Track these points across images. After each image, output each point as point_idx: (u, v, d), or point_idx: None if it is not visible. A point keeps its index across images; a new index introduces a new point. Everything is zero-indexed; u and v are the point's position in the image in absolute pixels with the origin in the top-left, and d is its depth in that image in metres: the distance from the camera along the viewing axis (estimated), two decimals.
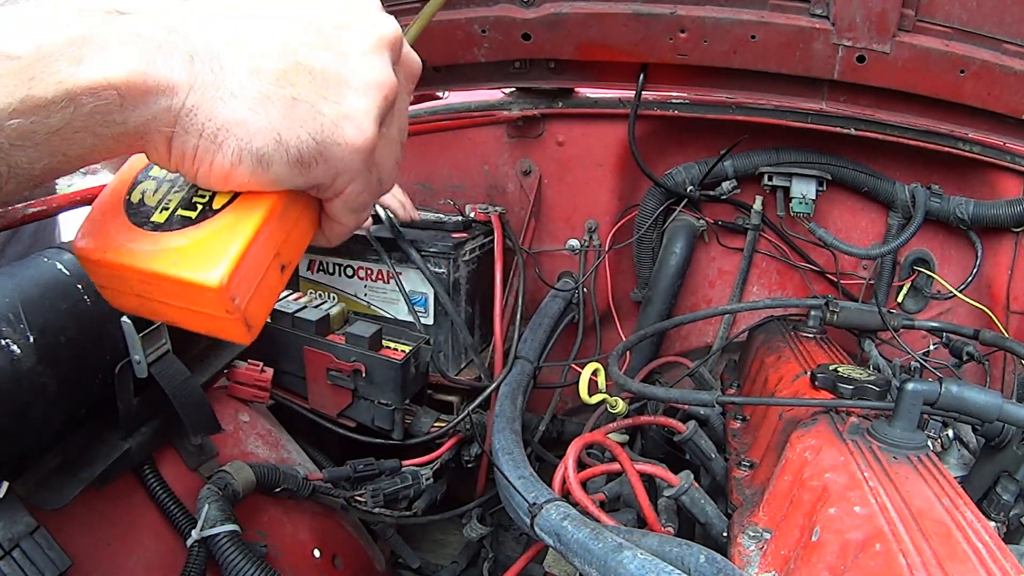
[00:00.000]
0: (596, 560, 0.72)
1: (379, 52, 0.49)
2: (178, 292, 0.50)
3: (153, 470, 0.94)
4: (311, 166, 0.48)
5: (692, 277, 1.70)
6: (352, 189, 0.52)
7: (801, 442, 0.83)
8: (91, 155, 0.44)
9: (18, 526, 0.73)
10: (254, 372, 1.16)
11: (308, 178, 0.49)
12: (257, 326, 0.53)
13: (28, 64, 0.38)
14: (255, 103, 0.45)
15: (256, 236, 0.50)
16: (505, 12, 1.36)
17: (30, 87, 0.39)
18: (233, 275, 0.48)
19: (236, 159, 0.46)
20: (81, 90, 0.40)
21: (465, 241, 1.42)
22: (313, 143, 0.47)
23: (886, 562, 0.60)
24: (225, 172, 0.47)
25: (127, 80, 0.41)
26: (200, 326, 0.53)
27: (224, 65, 0.45)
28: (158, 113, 0.44)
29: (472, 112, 1.63)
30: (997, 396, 0.80)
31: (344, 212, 0.55)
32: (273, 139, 0.46)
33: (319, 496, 1.14)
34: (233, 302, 0.49)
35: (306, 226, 0.57)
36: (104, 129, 0.42)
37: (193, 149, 0.46)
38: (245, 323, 0.51)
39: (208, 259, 0.49)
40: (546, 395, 1.60)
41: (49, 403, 0.73)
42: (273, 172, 0.47)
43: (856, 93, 1.37)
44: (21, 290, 0.71)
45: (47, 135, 0.40)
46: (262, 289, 0.52)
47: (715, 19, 1.28)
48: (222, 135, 0.45)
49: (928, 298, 1.57)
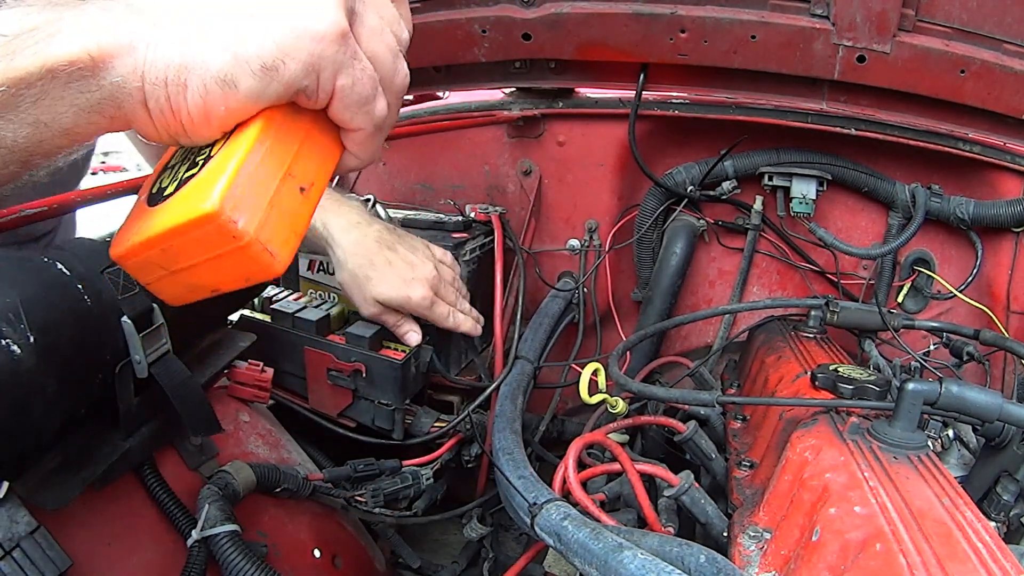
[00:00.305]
0: (596, 560, 0.72)
1: None
2: (191, 242, 0.49)
3: (153, 470, 0.94)
4: (280, 69, 0.48)
5: (692, 277, 1.70)
6: (343, 82, 0.51)
7: (801, 442, 0.83)
8: (75, 129, 0.47)
9: (18, 526, 0.73)
10: (254, 372, 1.16)
11: (285, 83, 0.48)
12: (283, 252, 0.51)
13: (10, 40, 0.43)
14: (204, 33, 0.47)
15: (249, 156, 0.49)
16: (505, 12, 1.36)
17: (12, 59, 0.43)
18: (227, 196, 0.47)
19: (203, 90, 0.47)
20: (56, 60, 0.44)
21: (465, 241, 1.42)
22: (273, 45, 0.47)
23: (886, 562, 0.60)
24: (201, 109, 0.48)
25: (98, 47, 0.45)
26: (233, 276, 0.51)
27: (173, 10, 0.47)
28: (125, 74, 0.46)
29: (472, 112, 1.63)
30: (997, 396, 0.80)
31: (349, 112, 0.53)
32: (229, 57, 0.47)
33: (319, 496, 1.14)
34: (238, 225, 0.47)
35: (321, 142, 0.55)
36: (80, 97, 0.46)
37: (166, 101, 0.47)
38: (265, 249, 0.49)
39: (201, 193, 0.48)
40: (546, 395, 1.60)
41: (49, 403, 0.73)
42: (244, 88, 0.47)
43: (856, 93, 1.37)
44: (21, 290, 0.71)
45: (29, 105, 0.44)
46: (278, 212, 0.50)
47: (715, 19, 1.28)
48: (183, 74, 0.47)
49: (928, 298, 1.57)
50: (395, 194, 1.79)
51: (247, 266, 0.50)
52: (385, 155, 1.81)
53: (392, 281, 1.17)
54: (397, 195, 1.79)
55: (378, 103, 0.55)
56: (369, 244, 1.18)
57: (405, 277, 1.18)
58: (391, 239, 1.22)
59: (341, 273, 1.19)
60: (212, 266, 0.50)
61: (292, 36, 0.47)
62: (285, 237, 0.51)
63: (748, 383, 1.28)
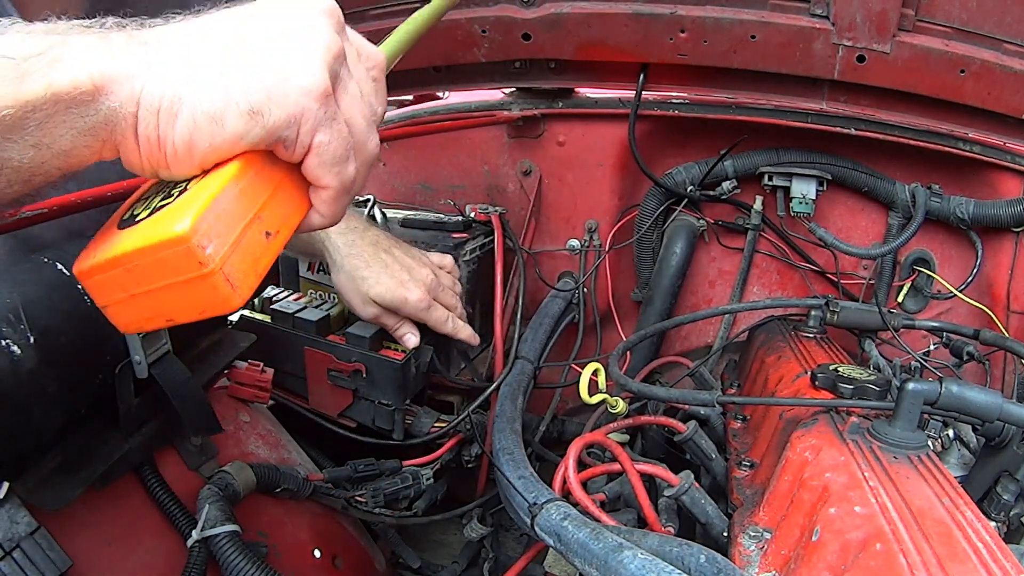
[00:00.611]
0: (596, 560, 0.72)
1: (319, 16, 0.54)
2: (156, 265, 0.50)
3: (153, 470, 0.94)
4: (265, 114, 0.50)
5: (692, 277, 1.70)
6: (320, 139, 0.54)
7: (801, 442, 0.83)
8: (72, 151, 0.49)
9: (18, 526, 0.73)
10: (254, 372, 1.16)
11: (267, 128, 0.51)
12: (243, 287, 0.52)
13: (18, 63, 0.45)
14: (201, 69, 0.50)
15: (225, 189, 0.51)
16: (505, 12, 1.36)
17: (21, 83, 0.45)
18: (199, 221, 0.49)
19: (191, 122, 0.49)
20: (61, 85, 0.46)
21: (465, 241, 1.42)
22: (263, 90, 0.50)
23: (886, 562, 0.60)
24: (186, 141, 0.50)
25: (100, 74, 0.47)
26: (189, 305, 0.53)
27: (173, 45, 0.51)
28: (124, 100, 0.49)
29: (472, 112, 1.63)
30: (997, 396, 0.80)
31: (321, 169, 0.56)
32: (222, 95, 0.49)
33: (319, 496, 1.14)
34: (205, 251, 0.49)
35: (291, 195, 0.57)
36: (80, 121, 0.48)
37: (155, 130, 0.50)
38: (227, 281, 0.51)
39: (175, 217, 0.50)
40: (546, 395, 1.60)
41: (49, 403, 0.73)
42: (230, 127, 0.50)
43: (856, 93, 1.37)
44: (22, 291, 0.71)
45: (34, 127, 0.46)
46: (244, 249, 0.52)
47: (715, 19, 1.28)
48: (176, 104, 0.49)
49: (928, 298, 1.57)
50: (395, 194, 1.79)
51: (207, 295, 0.51)
52: (385, 155, 1.81)
53: (388, 282, 1.17)
54: (397, 195, 1.79)
55: (349, 165, 0.58)
56: (365, 246, 1.19)
57: (401, 279, 1.19)
58: (388, 243, 1.23)
59: (337, 275, 1.19)
60: (172, 292, 0.52)
61: (280, 87, 0.51)
62: (246, 274, 0.53)
63: (748, 383, 1.28)
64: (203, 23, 0.53)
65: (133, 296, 0.53)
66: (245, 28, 0.52)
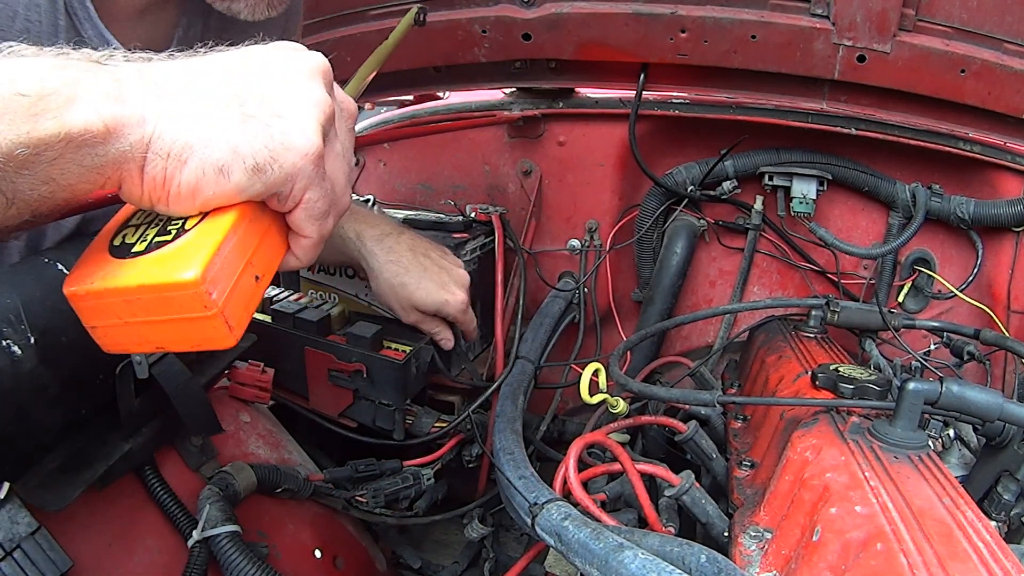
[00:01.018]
0: (597, 560, 0.72)
1: (313, 78, 0.58)
2: (159, 301, 0.54)
3: (154, 471, 0.95)
4: (266, 172, 0.54)
5: (693, 277, 1.70)
6: (310, 196, 0.59)
7: (802, 442, 0.83)
8: (78, 185, 0.51)
9: (19, 527, 0.73)
10: (255, 373, 1.16)
11: (267, 184, 0.55)
12: (239, 328, 0.56)
13: (33, 102, 0.46)
14: (213, 123, 0.53)
15: (227, 237, 0.55)
16: (505, 12, 1.36)
17: (35, 122, 0.46)
18: (208, 268, 0.53)
19: (200, 172, 0.53)
20: (75, 126, 0.48)
21: (466, 241, 1.42)
22: (266, 150, 0.54)
23: (887, 561, 0.60)
24: (192, 187, 0.53)
25: (112, 116, 0.49)
26: (185, 339, 0.56)
27: (185, 96, 0.53)
28: (134, 143, 0.51)
29: (472, 112, 1.63)
30: (998, 395, 0.80)
31: (307, 222, 0.61)
32: (231, 150, 0.53)
33: (320, 496, 1.14)
34: (211, 296, 0.53)
35: (275, 240, 0.62)
36: (90, 160, 0.50)
37: (162, 172, 0.53)
38: (227, 322, 0.55)
39: (184, 260, 0.53)
40: (547, 395, 1.60)
41: (50, 404, 0.73)
42: (234, 180, 0.54)
43: (857, 93, 1.37)
44: (22, 291, 0.71)
45: (46, 164, 0.48)
46: (238, 294, 0.56)
47: (715, 19, 1.28)
48: (186, 152, 0.52)
49: (929, 298, 1.57)
50: (395, 194, 1.79)
51: (206, 334, 0.55)
52: (385, 155, 1.81)
53: (428, 286, 1.19)
54: (397, 195, 1.79)
55: (330, 219, 0.63)
56: (403, 251, 1.20)
57: (442, 280, 1.20)
58: (425, 246, 1.24)
59: (376, 281, 1.20)
60: (171, 326, 0.55)
61: (282, 148, 0.54)
62: (241, 315, 0.57)
63: (749, 383, 1.28)
64: (206, 69, 0.56)
65: (127, 323, 0.56)
66: (248, 83, 0.56)
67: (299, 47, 0.61)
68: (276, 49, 0.59)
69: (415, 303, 1.19)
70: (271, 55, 0.59)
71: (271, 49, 0.59)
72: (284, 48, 0.60)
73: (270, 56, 0.59)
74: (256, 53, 0.59)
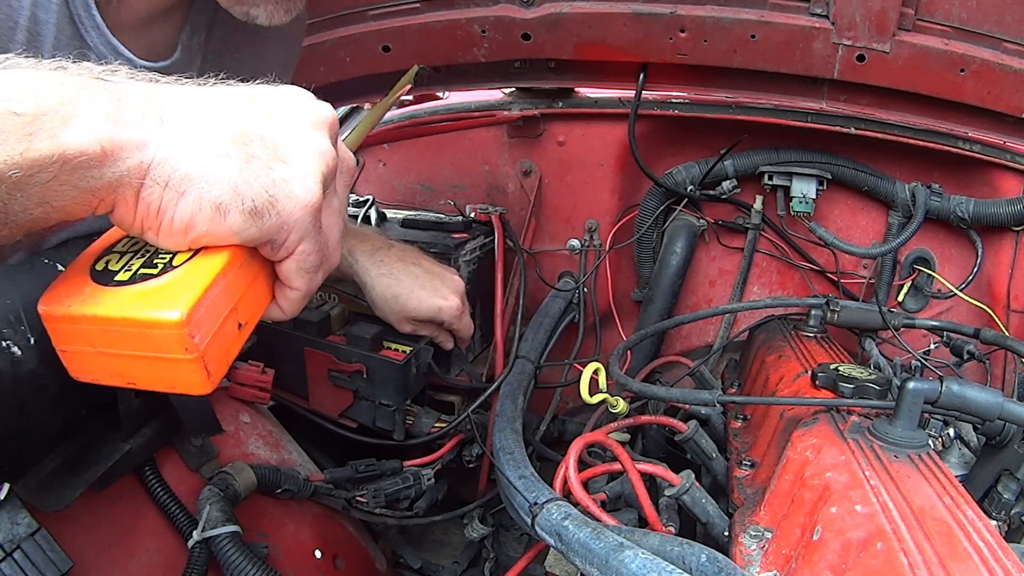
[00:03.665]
0: (597, 559, 0.72)
1: (319, 128, 0.58)
2: (138, 337, 0.51)
3: (154, 471, 0.95)
4: (264, 217, 0.53)
5: (692, 277, 1.70)
6: (303, 248, 0.58)
7: (802, 441, 0.83)
8: (71, 207, 0.49)
9: (19, 528, 0.73)
10: (255, 373, 1.16)
11: (262, 229, 0.54)
12: (216, 375, 0.54)
13: (28, 122, 0.44)
14: (215, 158, 0.51)
15: (215, 281, 0.53)
16: (505, 12, 1.36)
17: (30, 142, 0.44)
18: (193, 311, 0.50)
19: (197, 207, 0.51)
20: (71, 147, 0.46)
21: (466, 241, 1.42)
22: (266, 195, 0.53)
23: (887, 561, 0.60)
24: (186, 221, 0.52)
25: (110, 138, 0.47)
26: (158, 379, 0.54)
27: (190, 127, 0.51)
28: (132, 167, 0.49)
29: (472, 112, 1.63)
30: (998, 395, 0.80)
31: (297, 274, 0.59)
32: (231, 189, 0.51)
33: (320, 497, 1.14)
34: (193, 340, 0.51)
35: (262, 289, 0.60)
36: (85, 182, 0.48)
37: (158, 200, 0.51)
38: (205, 367, 0.52)
39: (169, 299, 0.51)
40: (547, 395, 1.60)
41: (50, 404, 0.73)
42: (230, 221, 0.52)
43: (856, 92, 1.37)
44: (22, 291, 0.71)
45: (40, 186, 0.46)
46: (220, 340, 0.54)
47: (715, 19, 1.28)
48: (185, 184, 0.50)
49: (928, 297, 1.57)
50: (395, 194, 1.79)
51: (182, 377, 0.53)
52: (385, 155, 1.81)
53: (420, 294, 1.19)
54: (397, 195, 1.79)
55: (319, 274, 0.62)
56: (393, 263, 1.21)
57: (434, 287, 1.21)
58: (415, 255, 1.25)
59: (371, 295, 1.21)
60: (146, 364, 0.53)
61: (282, 195, 0.53)
62: (220, 362, 0.55)
63: (749, 382, 1.28)
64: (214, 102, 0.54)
65: (101, 353, 0.54)
66: (254, 123, 0.54)
67: (308, 94, 0.60)
68: (286, 93, 0.58)
69: (408, 313, 1.19)
70: (280, 98, 0.57)
71: (281, 92, 0.58)
72: (294, 93, 0.59)
73: (279, 99, 0.57)
74: (266, 94, 0.57)
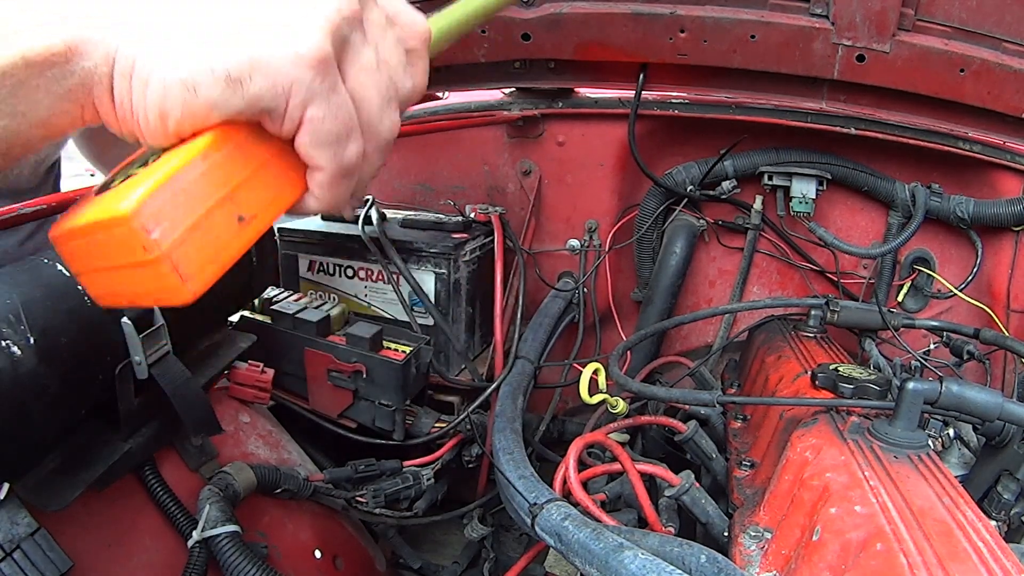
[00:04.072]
0: (597, 560, 0.72)
1: None
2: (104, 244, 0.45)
3: (154, 471, 0.95)
4: (244, 81, 0.45)
5: (692, 277, 1.70)
6: (313, 114, 0.47)
7: (802, 442, 0.83)
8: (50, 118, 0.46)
9: (19, 527, 0.73)
10: (255, 373, 1.16)
11: (248, 97, 0.45)
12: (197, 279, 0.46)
13: None
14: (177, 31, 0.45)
15: (186, 166, 0.45)
16: (505, 12, 1.36)
17: None
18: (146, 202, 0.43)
19: (163, 90, 0.45)
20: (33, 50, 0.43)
21: (465, 241, 1.42)
22: (245, 58, 0.44)
23: (887, 561, 0.60)
24: (159, 109, 0.45)
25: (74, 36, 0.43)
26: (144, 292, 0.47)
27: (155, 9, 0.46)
28: (97, 60, 0.45)
29: (472, 112, 1.63)
30: (998, 395, 0.80)
31: (314, 147, 0.49)
32: (196, 60, 0.44)
33: (320, 497, 1.14)
34: (150, 235, 0.43)
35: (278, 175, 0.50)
36: (55, 85, 0.45)
37: (127, 94, 0.46)
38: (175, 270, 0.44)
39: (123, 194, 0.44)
40: (547, 395, 1.60)
41: (50, 404, 0.73)
42: (203, 95, 0.45)
43: (856, 92, 1.37)
44: (22, 291, 0.71)
45: (7, 94, 0.43)
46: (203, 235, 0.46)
47: (715, 19, 1.28)
48: (148, 69, 0.44)
49: (928, 297, 1.57)
50: (395, 194, 1.79)
51: (154, 283, 0.45)
52: None
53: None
54: (397, 195, 1.79)
55: (350, 146, 0.50)
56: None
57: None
58: None
59: None
60: (123, 275, 0.46)
61: (268, 53, 0.45)
62: (202, 264, 0.46)
63: (748, 383, 1.28)
64: None
65: (96, 270, 0.49)
66: None
67: None
68: None
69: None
70: None
71: None
72: None
73: None
74: None
